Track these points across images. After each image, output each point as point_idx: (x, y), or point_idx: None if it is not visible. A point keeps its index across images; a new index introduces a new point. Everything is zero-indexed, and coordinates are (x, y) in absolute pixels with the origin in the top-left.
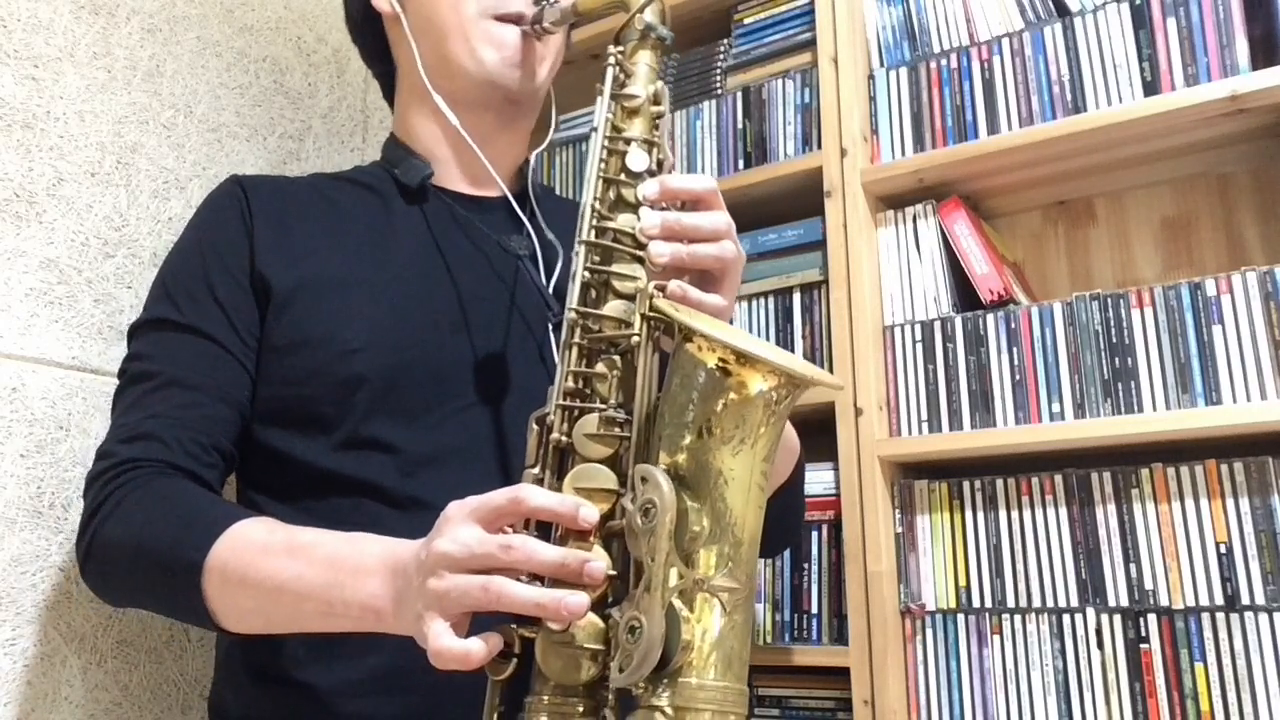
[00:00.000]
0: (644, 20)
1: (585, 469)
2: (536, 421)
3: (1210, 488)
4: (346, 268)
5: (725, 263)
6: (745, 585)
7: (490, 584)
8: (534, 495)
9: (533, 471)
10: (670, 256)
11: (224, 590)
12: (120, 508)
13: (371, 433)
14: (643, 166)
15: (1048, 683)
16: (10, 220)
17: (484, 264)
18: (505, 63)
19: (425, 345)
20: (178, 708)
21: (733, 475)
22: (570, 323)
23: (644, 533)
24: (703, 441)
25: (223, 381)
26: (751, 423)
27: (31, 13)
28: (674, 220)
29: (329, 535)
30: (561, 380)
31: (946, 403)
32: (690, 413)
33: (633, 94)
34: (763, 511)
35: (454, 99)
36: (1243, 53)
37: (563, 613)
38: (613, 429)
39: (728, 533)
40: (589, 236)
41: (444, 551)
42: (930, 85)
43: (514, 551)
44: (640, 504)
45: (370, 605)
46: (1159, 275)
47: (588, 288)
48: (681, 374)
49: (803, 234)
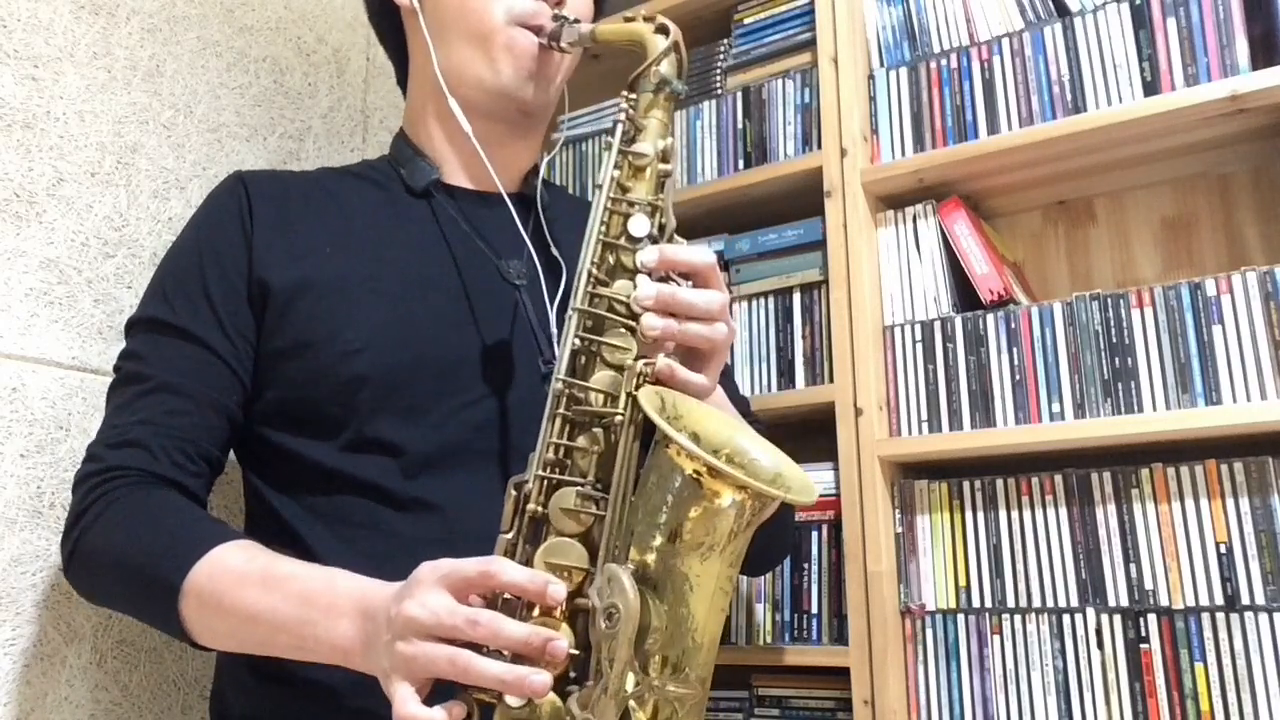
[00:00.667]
0: (659, 74)
1: (558, 544)
2: (515, 487)
3: (1210, 488)
4: (348, 267)
5: (715, 343)
6: (699, 690)
7: (457, 658)
8: (505, 570)
9: (507, 537)
10: (661, 330)
11: (200, 614)
12: (103, 518)
13: (375, 433)
14: (644, 232)
15: (1048, 683)
16: (10, 220)
17: (488, 263)
18: (521, 75)
19: (428, 344)
20: (178, 708)
21: (698, 581)
22: (556, 393)
23: (606, 637)
24: (672, 545)
25: (212, 388)
26: (721, 531)
27: (31, 13)
28: (669, 295)
29: (304, 568)
30: (542, 450)
31: (946, 403)
32: (663, 514)
33: (641, 152)
34: (724, 615)
35: (467, 105)
36: (1243, 53)
37: (525, 691)
38: (589, 505)
39: (686, 637)
40: (583, 304)
41: (413, 616)
42: (930, 85)
43: (480, 629)
44: (604, 607)
45: (340, 646)
46: (1159, 275)
47: (577, 355)
48: (658, 474)
49: (803, 234)
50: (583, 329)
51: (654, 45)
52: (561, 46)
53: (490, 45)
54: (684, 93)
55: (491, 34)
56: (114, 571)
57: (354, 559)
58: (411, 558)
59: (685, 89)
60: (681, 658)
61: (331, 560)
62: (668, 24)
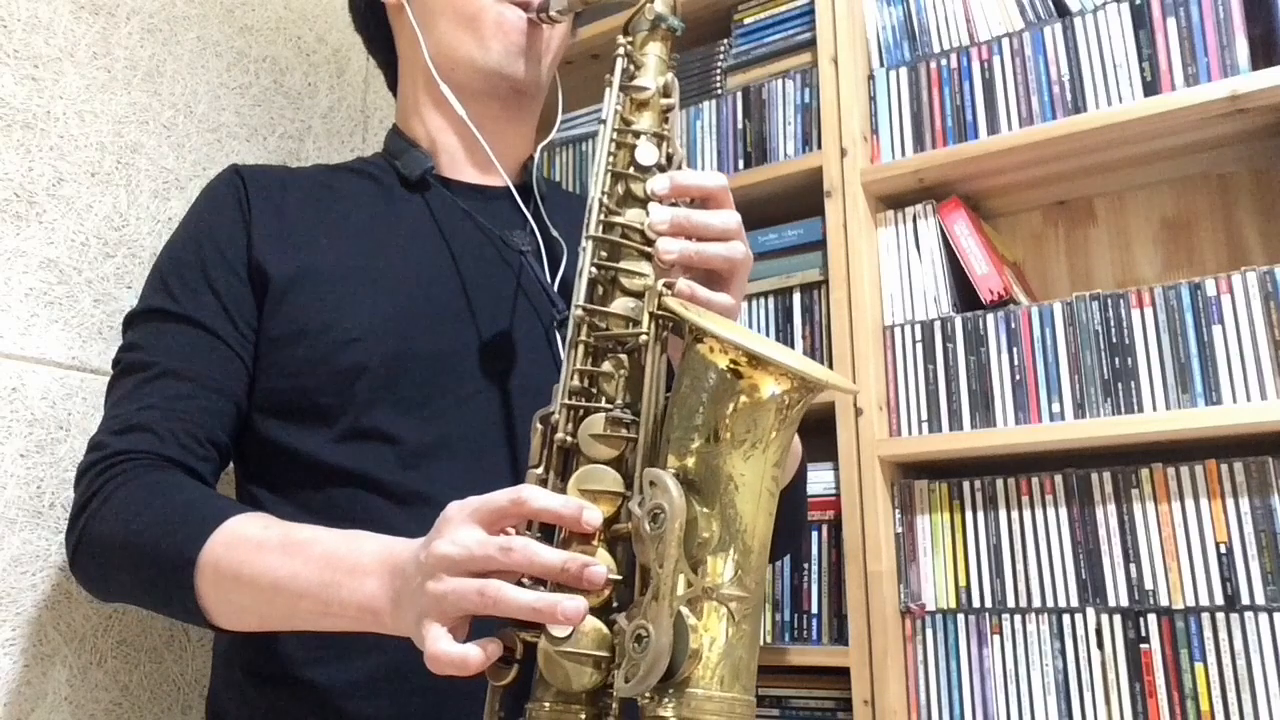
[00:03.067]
0: (654, 10)
1: (590, 470)
2: (541, 420)
3: (1210, 488)
4: (346, 256)
5: (734, 262)
6: (754, 593)
7: (487, 588)
8: (536, 496)
9: (536, 472)
10: (679, 254)
11: (217, 587)
12: (110, 502)
13: (372, 423)
14: (652, 160)
15: (1048, 683)
16: (10, 220)
17: (488, 253)
18: (511, 52)
19: (427, 334)
20: (178, 708)
21: (743, 480)
22: (577, 320)
23: (652, 539)
24: (713, 446)
25: (218, 373)
26: (763, 427)
27: (31, 13)
28: (683, 217)
29: (326, 532)
30: (567, 379)
31: (946, 403)
32: (700, 416)
33: (642, 85)
34: (773, 518)
35: (460, 88)
36: (1243, 53)
37: (558, 617)
38: (619, 430)
39: (737, 539)
40: (597, 231)
41: (443, 553)
42: (930, 85)
43: (514, 554)
44: (649, 509)
45: (368, 606)
46: (1159, 275)
47: (595, 284)
48: (691, 375)
49: (803, 234)
50: (599, 257)
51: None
52: (551, 16)
53: (479, 25)
54: (680, 29)
55: (480, 13)
56: (123, 553)
57: None
58: None
59: (681, 25)
60: (734, 560)
61: None
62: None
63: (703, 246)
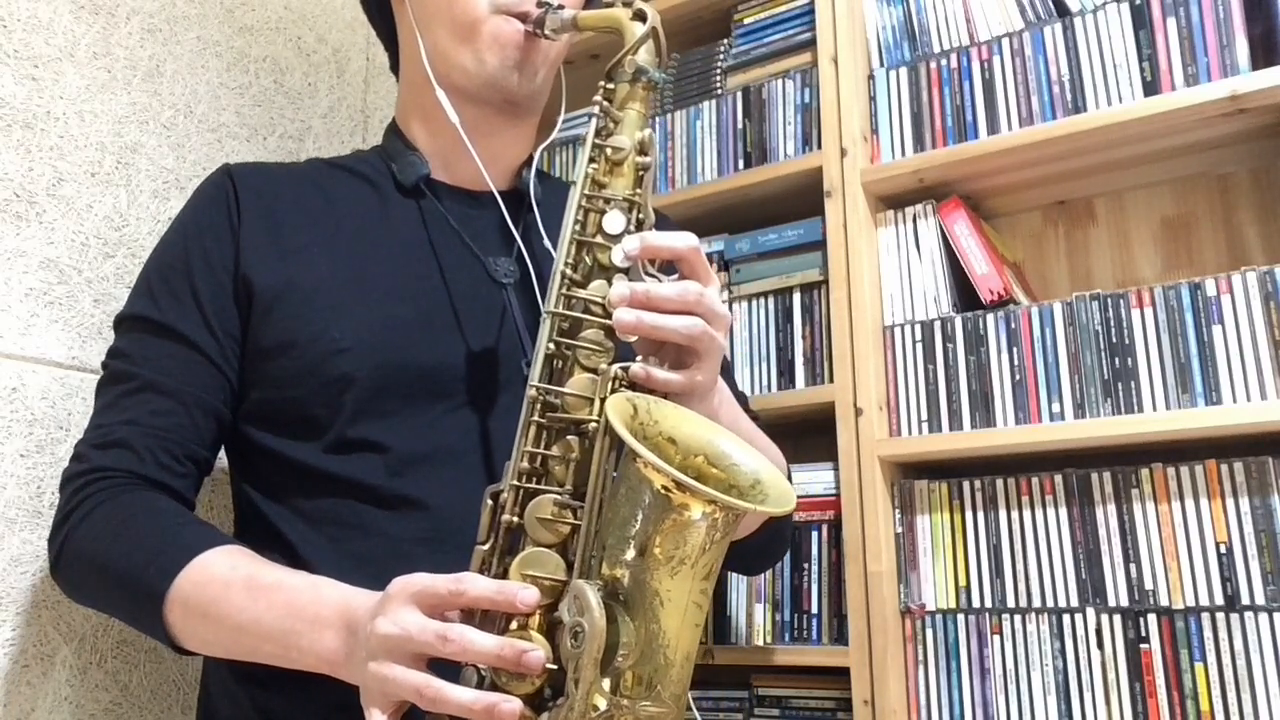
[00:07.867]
0: (635, 63)
1: (534, 554)
2: (491, 497)
3: (1210, 488)
4: (335, 266)
5: (692, 337)
6: (673, 708)
7: (426, 689)
8: (474, 585)
9: (483, 548)
10: (633, 325)
11: (186, 620)
12: (90, 519)
13: (360, 434)
14: (620, 229)
15: (1048, 683)
16: (10, 220)
17: (475, 265)
18: (507, 65)
19: (415, 344)
20: (178, 708)
21: (669, 597)
22: (530, 400)
23: (572, 656)
24: (643, 560)
25: (198, 387)
26: (693, 545)
27: (31, 13)
28: (642, 291)
29: (290, 577)
30: (516, 460)
31: (946, 403)
32: (633, 527)
33: (618, 145)
34: (699, 630)
35: (454, 91)
36: (1243, 53)
37: (494, 718)
38: (565, 514)
39: (659, 654)
40: (556, 306)
41: (384, 633)
42: (930, 85)
43: (450, 644)
44: (570, 626)
45: (325, 658)
46: (1159, 275)
47: (551, 359)
48: (627, 485)
49: (803, 234)
50: (558, 332)
51: (630, 32)
52: (546, 34)
53: (475, 35)
54: (662, 81)
55: (476, 23)
56: (99, 576)
57: (341, 560)
58: (399, 558)
59: (663, 77)
60: (654, 675)
61: (318, 562)
62: (645, 9)
63: (659, 320)
